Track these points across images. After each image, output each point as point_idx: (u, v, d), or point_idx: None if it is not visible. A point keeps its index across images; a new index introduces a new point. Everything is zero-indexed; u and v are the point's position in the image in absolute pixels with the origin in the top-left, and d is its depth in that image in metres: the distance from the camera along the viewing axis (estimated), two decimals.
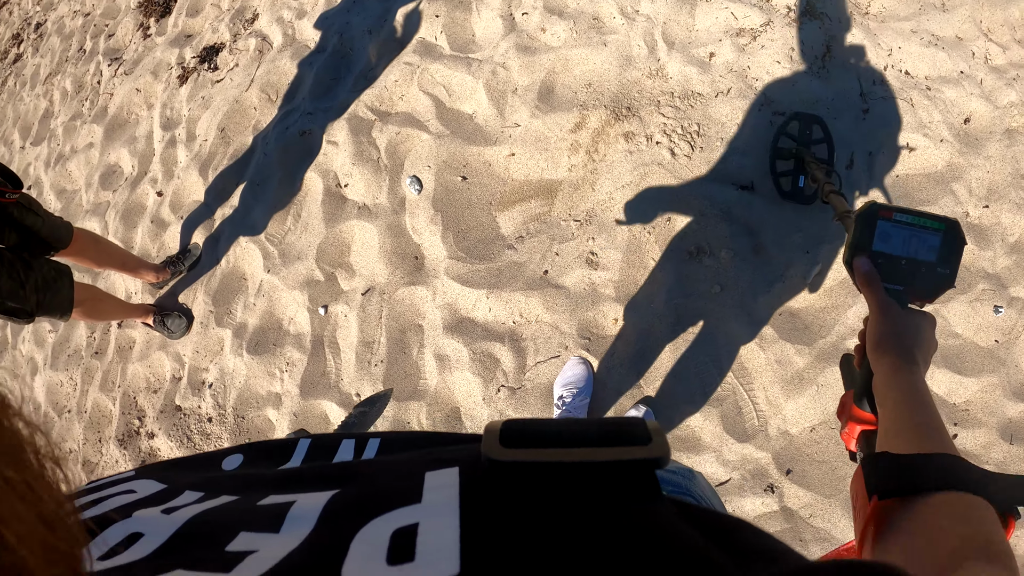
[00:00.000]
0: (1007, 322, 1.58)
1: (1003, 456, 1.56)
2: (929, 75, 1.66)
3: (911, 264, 0.54)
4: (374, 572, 0.17)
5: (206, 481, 0.26)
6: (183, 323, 1.81)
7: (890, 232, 0.54)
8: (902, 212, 0.55)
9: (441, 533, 0.19)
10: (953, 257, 0.54)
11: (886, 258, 0.54)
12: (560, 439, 0.22)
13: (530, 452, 0.21)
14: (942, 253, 0.54)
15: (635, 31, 1.54)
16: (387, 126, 1.62)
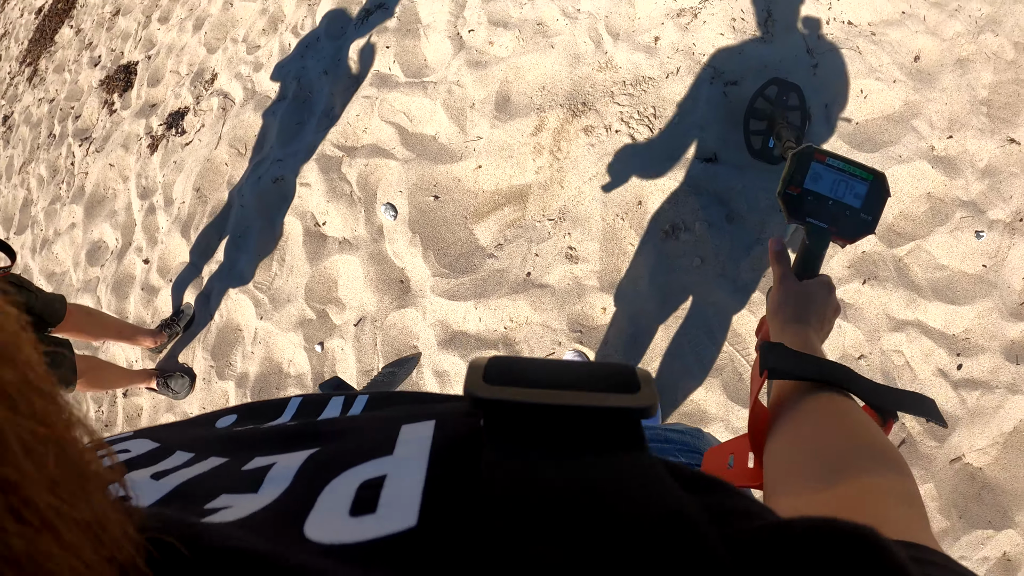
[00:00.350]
0: (991, 245, 1.64)
1: (1011, 378, 1.60)
2: (872, 21, 1.74)
3: (837, 206, 0.60)
4: (334, 523, 0.18)
5: (196, 440, 0.27)
6: (186, 382, 1.89)
7: (822, 173, 0.61)
8: (835, 158, 0.61)
9: (405, 485, 0.19)
10: (877, 206, 0.60)
11: (815, 196, 0.60)
12: (546, 380, 0.22)
13: (513, 391, 0.21)
14: (867, 201, 0.60)
15: (579, 29, 1.63)
16: (355, 160, 1.72)
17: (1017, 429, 1.60)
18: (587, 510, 0.17)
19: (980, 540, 1.54)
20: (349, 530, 0.18)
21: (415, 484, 0.19)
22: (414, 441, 0.22)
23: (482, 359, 0.23)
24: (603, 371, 0.23)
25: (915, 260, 1.61)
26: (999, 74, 1.78)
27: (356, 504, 0.19)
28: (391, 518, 0.18)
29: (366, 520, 0.18)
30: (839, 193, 0.60)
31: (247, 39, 2.14)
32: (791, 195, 0.61)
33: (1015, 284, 1.67)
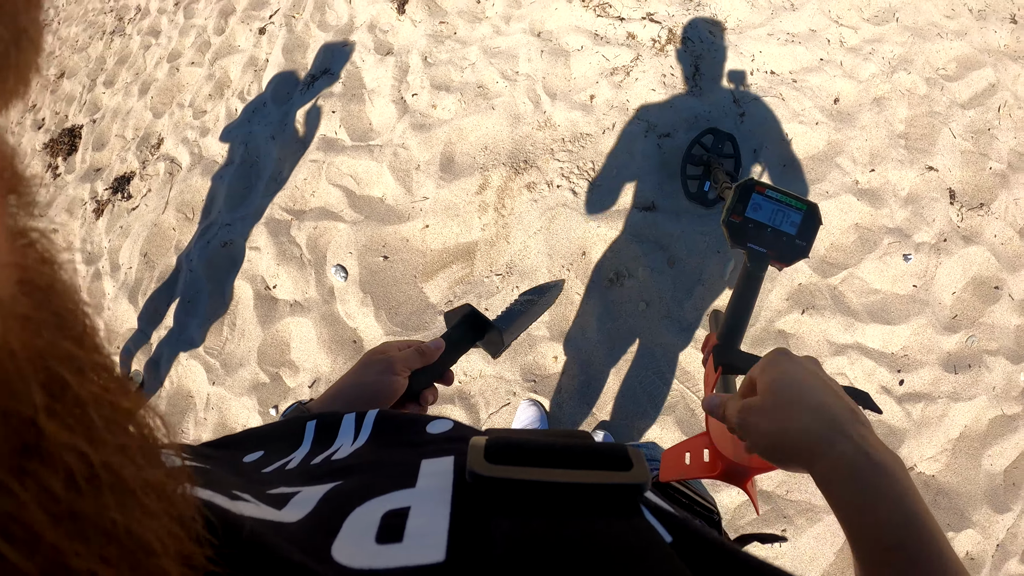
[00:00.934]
0: (919, 267, 1.82)
1: (952, 387, 1.75)
2: (792, 69, 1.96)
3: (775, 232, 0.69)
4: (361, 549, 0.19)
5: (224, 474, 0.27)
6: None
7: (761, 204, 0.69)
8: (773, 189, 0.70)
9: (431, 519, 0.20)
10: (810, 233, 0.69)
11: (756, 224, 0.69)
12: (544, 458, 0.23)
13: (516, 470, 0.22)
14: (802, 228, 0.69)
15: (518, 90, 1.80)
16: (304, 223, 1.82)
17: (963, 435, 1.75)
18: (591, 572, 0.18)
19: None
20: (376, 557, 0.19)
21: (440, 520, 0.21)
22: (435, 476, 0.24)
23: (481, 439, 0.25)
24: (597, 450, 0.25)
25: (849, 287, 1.78)
26: (914, 108, 2.01)
27: (382, 532, 0.20)
28: (418, 550, 0.19)
29: (392, 548, 0.19)
30: (777, 221, 0.69)
31: (193, 104, 2.25)
32: (734, 223, 0.70)
33: (945, 300, 1.85)
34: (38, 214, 0.15)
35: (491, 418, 1.59)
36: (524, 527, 0.21)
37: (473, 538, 0.21)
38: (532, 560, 0.19)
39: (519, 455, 0.24)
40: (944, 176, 1.96)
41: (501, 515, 0.22)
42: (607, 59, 1.83)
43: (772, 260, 0.69)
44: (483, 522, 0.21)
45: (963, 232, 1.91)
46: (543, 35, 1.85)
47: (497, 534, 0.20)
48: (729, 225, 0.70)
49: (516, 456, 0.24)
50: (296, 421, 0.35)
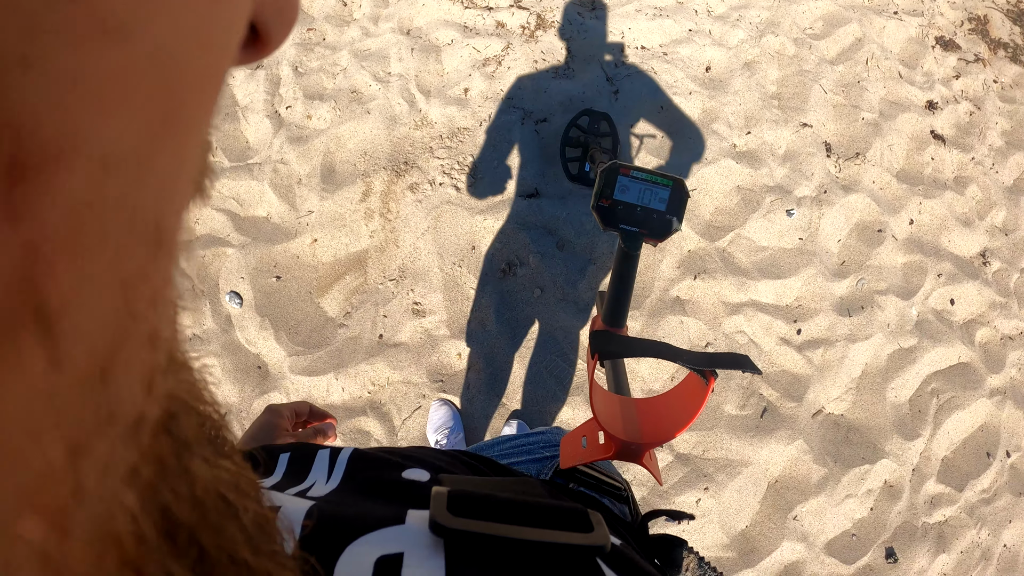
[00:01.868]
0: (802, 220, 1.91)
1: (848, 330, 1.85)
2: (662, 42, 2.01)
3: (645, 211, 0.70)
4: None
5: None
6: None
7: (628, 185, 0.70)
8: (638, 170, 0.71)
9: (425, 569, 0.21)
10: (680, 207, 0.70)
11: (625, 205, 0.70)
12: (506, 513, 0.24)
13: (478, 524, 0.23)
14: (670, 203, 0.70)
15: (392, 92, 1.78)
16: (191, 252, 1.76)
17: (865, 372, 1.85)
18: None
19: (860, 476, 1.76)
20: None
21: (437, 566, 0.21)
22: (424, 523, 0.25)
23: (443, 489, 0.26)
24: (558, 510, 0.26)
25: (737, 248, 1.85)
26: (784, 69, 2.09)
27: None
28: None
29: None
30: (645, 200, 0.70)
31: None
32: (603, 207, 0.71)
33: (832, 248, 1.94)
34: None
35: (405, 423, 1.59)
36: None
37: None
38: None
39: (480, 508, 0.25)
40: (819, 131, 2.05)
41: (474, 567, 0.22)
42: (478, 51, 1.83)
43: (646, 238, 0.71)
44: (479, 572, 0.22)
45: (842, 182, 2.01)
46: (412, 32, 1.83)
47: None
48: (599, 210, 0.71)
49: (478, 509, 0.25)
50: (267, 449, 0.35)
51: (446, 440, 1.53)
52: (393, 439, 1.57)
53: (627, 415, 0.60)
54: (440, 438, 1.53)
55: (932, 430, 1.87)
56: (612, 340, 0.62)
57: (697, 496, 1.66)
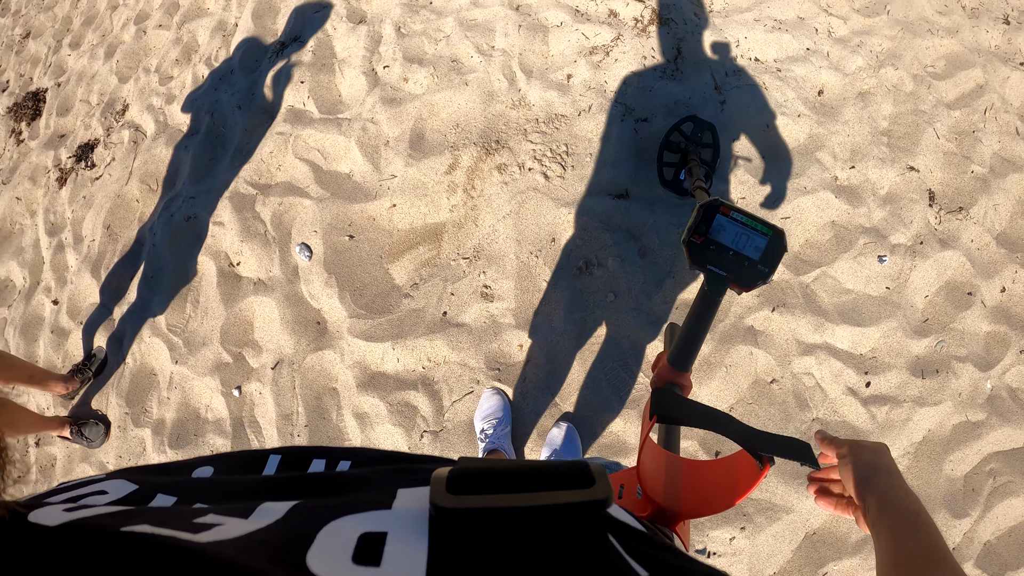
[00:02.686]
0: (893, 268, 1.78)
1: (918, 391, 1.73)
2: (778, 57, 1.88)
3: (737, 256, 0.66)
4: (338, 565, 0.19)
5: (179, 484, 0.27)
6: (101, 430, 1.84)
7: (725, 225, 0.66)
8: (738, 212, 0.67)
9: (409, 549, 0.20)
10: (774, 259, 0.66)
11: (717, 246, 0.66)
12: (505, 483, 0.24)
13: (475, 499, 0.23)
14: (766, 254, 0.66)
15: (493, 66, 1.70)
16: (269, 198, 1.73)
17: (926, 439, 1.74)
18: None
19: None
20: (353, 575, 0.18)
21: (419, 551, 0.21)
22: (412, 503, 0.24)
23: (443, 471, 0.25)
24: (559, 470, 0.25)
25: (821, 286, 1.73)
26: (899, 105, 1.95)
27: (359, 553, 0.20)
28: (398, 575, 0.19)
29: (370, 571, 0.19)
30: (740, 245, 0.66)
31: (160, 69, 2.13)
32: (694, 243, 0.67)
33: (918, 303, 1.81)
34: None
35: (454, 406, 1.54)
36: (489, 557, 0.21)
37: (452, 569, 0.20)
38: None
39: (481, 483, 0.24)
40: (925, 177, 1.90)
41: (467, 544, 0.22)
42: (587, 37, 1.73)
43: (732, 284, 0.67)
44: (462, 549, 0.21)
45: (940, 235, 1.87)
46: (521, 8, 1.75)
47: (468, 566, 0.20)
48: (690, 245, 0.67)
49: (478, 484, 0.24)
50: (254, 452, 0.34)
51: (492, 430, 1.48)
52: (440, 419, 1.53)
53: (671, 476, 0.58)
54: (487, 427, 1.48)
55: (982, 512, 1.75)
56: (675, 404, 0.57)
57: (732, 534, 1.58)
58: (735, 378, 1.59)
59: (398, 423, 1.54)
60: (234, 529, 0.20)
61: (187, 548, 0.17)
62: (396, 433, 1.54)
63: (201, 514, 0.22)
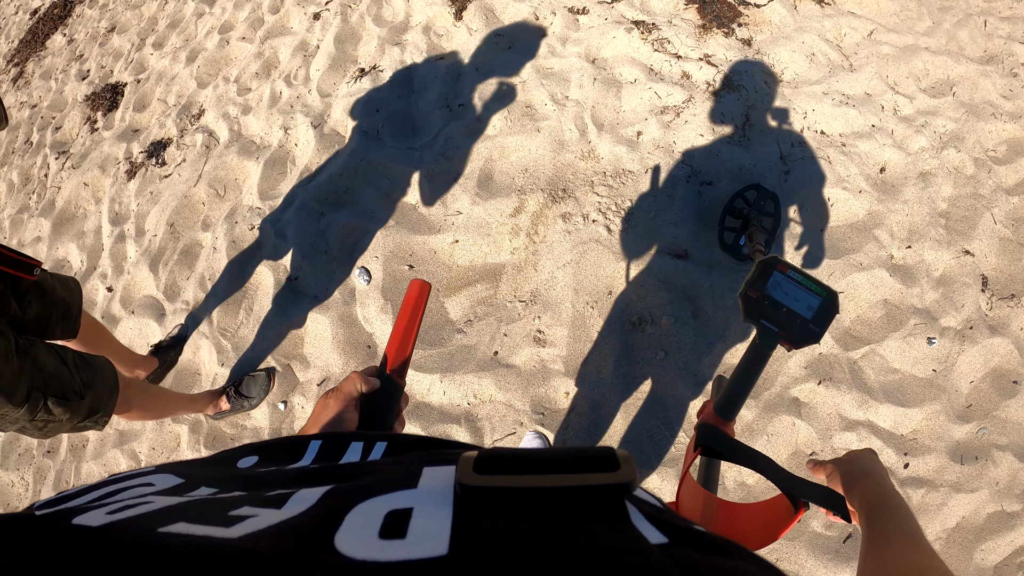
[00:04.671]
0: (941, 352, 1.74)
1: (956, 477, 1.68)
2: (843, 132, 1.87)
3: (790, 314, 0.67)
4: (365, 542, 0.19)
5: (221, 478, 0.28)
6: (261, 379, 1.61)
7: (781, 283, 0.68)
8: (795, 271, 0.68)
9: (433, 519, 0.21)
10: (825, 320, 0.67)
11: (772, 301, 0.67)
12: (531, 466, 0.24)
13: (501, 478, 0.23)
14: (818, 314, 0.67)
15: (566, 116, 1.71)
16: (334, 219, 1.74)
17: (960, 525, 1.68)
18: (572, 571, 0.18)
19: None
20: (380, 550, 0.19)
21: (443, 519, 0.21)
22: (436, 480, 0.25)
23: (472, 452, 0.25)
24: (584, 454, 0.25)
25: (869, 363, 1.70)
26: (959, 188, 1.92)
27: (385, 528, 0.20)
28: (421, 545, 0.19)
29: (396, 543, 0.19)
30: (793, 303, 0.67)
31: (239, 80, 2.17)
32: (751, 297, 0.68)
33: (963, 388, 1.77)
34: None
35: (495, 444, 1.52)
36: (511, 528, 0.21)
37: (475, 533, 0.21)
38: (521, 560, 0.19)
39: (506, 465, 0.24)
40: (979, 262, 1.87)
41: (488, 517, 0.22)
42: (659, 96, 1.74)
43: (782, 340, 0.67)
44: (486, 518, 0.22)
45: (990, 321, 1.83)
46: (598, 62, 1.76)
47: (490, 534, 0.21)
48: (746, 299, 0.68)
49: (503, 466, 0.24)
50: (297, 438, 0.35)
51: None
52: None
53: (707, 514, 0.60)
54: None
55: None
56: (720, 439, 0.60)
57: None
58: (775, 447, 1.56)
59: None
60: (267, 519, 0.21)
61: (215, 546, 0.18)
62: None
63: (237, 506, 0.23)
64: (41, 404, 1.01)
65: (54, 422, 1.06)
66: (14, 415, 0.99)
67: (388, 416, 0.54)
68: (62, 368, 1.06)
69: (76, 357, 1.11)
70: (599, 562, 0.19)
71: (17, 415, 0.99)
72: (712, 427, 0.64)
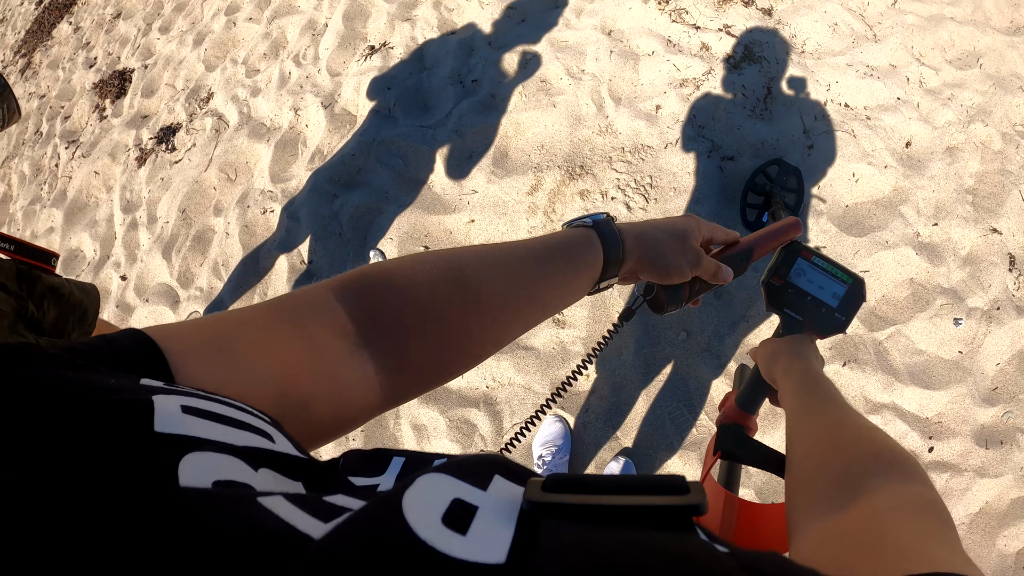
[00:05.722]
0: (968, 333, 1.65)
1: (980, 461, 1.61)
2: (868, 105, 1.76)
3: (815, 302, 0.62)
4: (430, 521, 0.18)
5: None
6: None
7: (805, 270, 0.63)
8: (820, 257, 0.63)
9: (496, 527, 0.20)
10: (852, 308, 0.62)
11: (796, 290, 0.62)
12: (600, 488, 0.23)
13: (569, 496, 0.23)
14: (843, 302, 0.62)
15: (582, 90, 1.62)
16: (347, 200, 1.67)
17: (983, 511, 1.61)
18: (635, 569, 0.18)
19: None
20: (440, 538, 0.18)
21: (505, 531, 0.20)
22: (505, 492, 0.24)
23: (539, 477, 0.25)
24: (654, 480, 0.24)
25: (894, 344, 1.61)
26: (986, 164, 1.81)
27: (449, 516, 0.19)
28: (480, 549, 0.18)
29: (456, 538, 0.18)
30: (818, 291, 0.62)
31: (247, 61, 2.08)
32: (773, 285, 0.63)
33: (988, 371, 1.68)
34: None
35: (514, 428, 1.46)
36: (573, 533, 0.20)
37: (535, 548, 0.19)
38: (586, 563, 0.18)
39: (575, 486, 0.24)
40: (1007, 240, 1.77)
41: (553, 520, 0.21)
42: (678, 68, 1.64)
43: (807, 329, 0.62)
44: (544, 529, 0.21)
45: (1017, 302, 1.73)
46: (614, 34, 1.66)
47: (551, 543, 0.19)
48: (768, 287, 0.63)
49: (570, 487, 0.24)
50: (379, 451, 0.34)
51: (551, 457, 1.39)
52: (498, 440, 1.45)
53: (727, 515, 0.57)
54: (545, 453, 1.39)
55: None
56: (740, 442, 0.57)
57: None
58: None
59: (456, 439, 1.46)
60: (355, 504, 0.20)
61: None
62: (452, 449, 1.46)
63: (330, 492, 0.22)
64: None
65: None
66: None
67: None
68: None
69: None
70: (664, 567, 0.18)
71: None
72: (732, 429, 0.61)
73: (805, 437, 0.44)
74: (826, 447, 0.40)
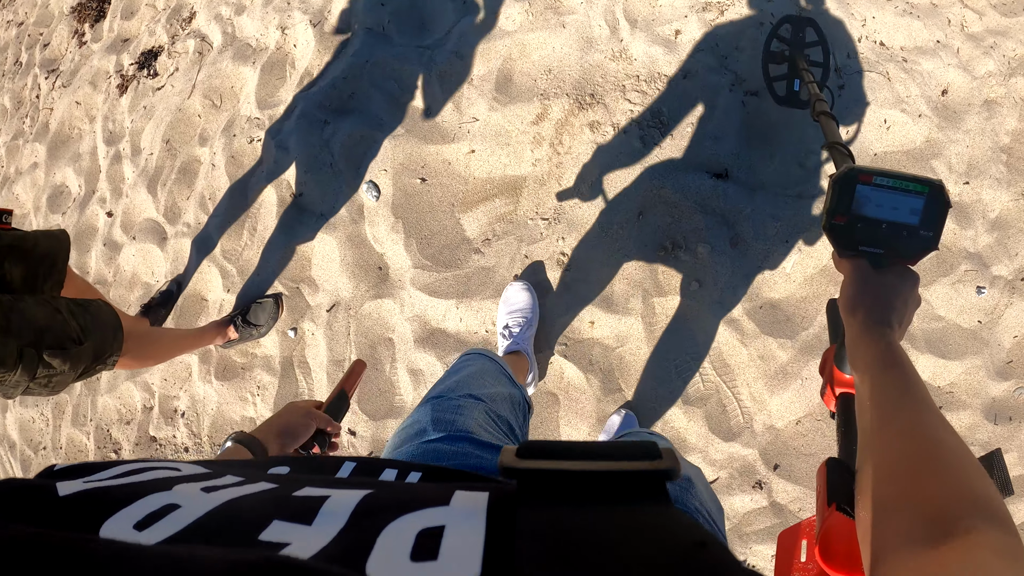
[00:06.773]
0: (989, 302, 1.51)
1: (987, 436, 1.50)
2: (905, 45, 1.55)
3: (892, 227, 0.51)
4: (397, 568, 0.18)
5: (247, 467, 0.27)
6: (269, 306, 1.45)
7: (870, 196, 0.51)
8: (882, 175, 0.51)
9: (466, 539, 0.19)
10: (937, 220, 0.50)
11: (865, 221, 0.51)
12: (573, 453, 0.23)
13: (543, 463, 0.22)
14: (925, 216, 0.50)
15: (595, 10, 1.39)
16: (339, 127, 1.47)
17: None
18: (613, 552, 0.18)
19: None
20: (411, 574, 0.17)
21: (476, 537, 0.19)
22: (469, 500, 0.23)
23: (513, 445, 0.25)
24: (626, 445, 0.24)
25: None
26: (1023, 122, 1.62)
27: (416, 550, 0.19)
28: (455, 565, 0.18)
29: (428, 566, 0.18)
30: (892, 213, 0.51)
31: None
32: (838, 226, 0.52)
33: (1006, 343, 1.55)
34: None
35: None
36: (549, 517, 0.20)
37: (508, 549, 0.19)
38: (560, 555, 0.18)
39: (548, 452, 0.24)
40: None
41: (526, 506, 0.21)
42: None
43: (892, 261, 0.51)
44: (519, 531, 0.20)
45: None
46: None
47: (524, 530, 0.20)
48: (833, 229, 0.52)
49: (545, 453, 0.24)
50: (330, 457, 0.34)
51: (518, 328, 1.23)
52: None
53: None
54: (512, 323, 1.24)
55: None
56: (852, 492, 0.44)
57: None
58: (808, 392, 1.36)
59: None
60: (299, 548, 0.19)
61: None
62: None
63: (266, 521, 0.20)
64: (37, 360, 0.92)
65: (57, 375, 0.96)
66: (13, 379, 0.91)
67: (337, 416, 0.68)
68: (55, 316, 0.96)
69: (70, 304, 1.02)
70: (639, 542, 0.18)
71: (16, 378, 0.91)
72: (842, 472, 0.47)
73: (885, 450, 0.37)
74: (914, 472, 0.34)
